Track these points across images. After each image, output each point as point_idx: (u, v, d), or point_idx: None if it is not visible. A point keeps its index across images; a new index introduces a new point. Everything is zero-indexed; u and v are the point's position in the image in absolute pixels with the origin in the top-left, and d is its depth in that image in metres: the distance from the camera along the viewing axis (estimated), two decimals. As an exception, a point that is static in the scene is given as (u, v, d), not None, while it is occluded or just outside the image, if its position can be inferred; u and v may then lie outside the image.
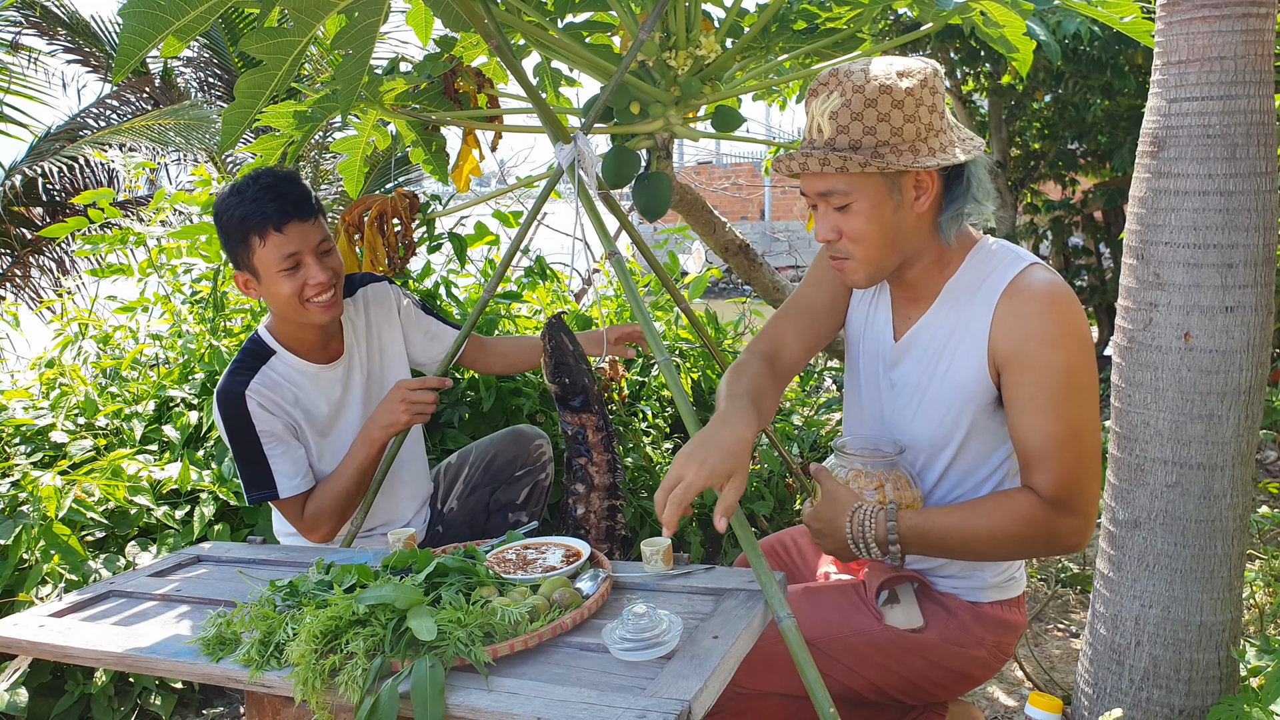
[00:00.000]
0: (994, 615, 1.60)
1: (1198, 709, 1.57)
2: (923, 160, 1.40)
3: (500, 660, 1.32)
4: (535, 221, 2.11)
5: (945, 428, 1.54)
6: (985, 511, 1.44)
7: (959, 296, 1.51)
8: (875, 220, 1.44)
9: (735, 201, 16.41)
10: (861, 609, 1.61)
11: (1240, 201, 1.42)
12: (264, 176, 1.94)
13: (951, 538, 1.45)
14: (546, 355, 2.11)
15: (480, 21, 1.79)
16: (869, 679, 1.61)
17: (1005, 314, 1.44)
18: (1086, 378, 1.42)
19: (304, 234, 1.92)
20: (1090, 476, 1.41)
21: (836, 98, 1.40)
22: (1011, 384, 1.44)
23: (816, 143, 1.44)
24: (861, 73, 1.39)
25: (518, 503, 2.25)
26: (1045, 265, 1.48)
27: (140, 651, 1.46)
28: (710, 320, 3.53)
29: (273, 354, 2.05)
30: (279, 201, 1.90)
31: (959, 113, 5.66)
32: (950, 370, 1.51)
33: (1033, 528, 1.41)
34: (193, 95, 6.47)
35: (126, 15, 1.49)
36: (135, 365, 3.03)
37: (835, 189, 1.44)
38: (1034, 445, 1.42)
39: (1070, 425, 1.40)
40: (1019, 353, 1.42)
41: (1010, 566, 1.62)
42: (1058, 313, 1.41)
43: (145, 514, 2.37)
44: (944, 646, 1.58)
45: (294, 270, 1.92)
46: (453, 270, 3.25)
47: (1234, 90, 1.39)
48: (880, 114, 1.38)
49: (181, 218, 5.10)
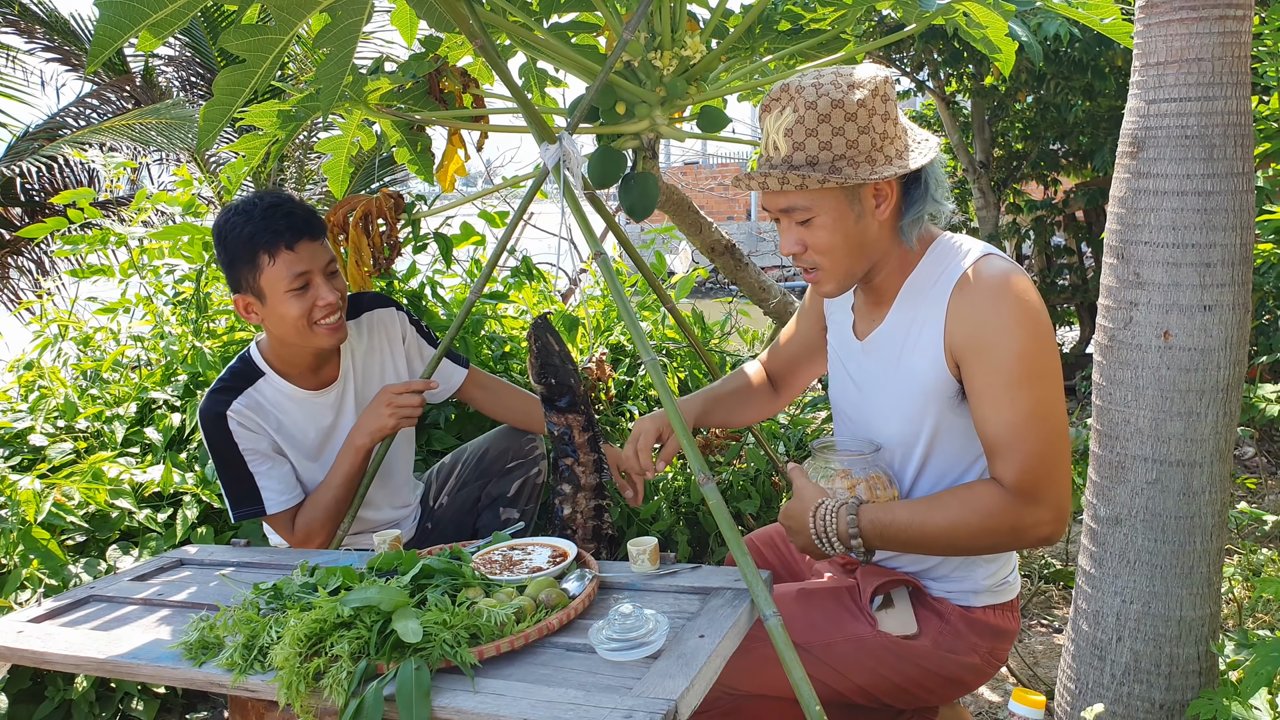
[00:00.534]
0: (987, 621, 1.59)
1: (1178, 703, 1.59)
2: (880, 170, 1.42)
3: (486, 662, 1.32)
4: (521, 222, 2.10)
5: (912, 424, 1.54)
6: (946, 504, 1.44)
7: (916, 294, 1.52)
8: (839, 232, 1.47)
9: (721, 201, 16.44)
10: (855, 613, 1.60)
11: (1218, 201, 1.43)
12: (269, 195, 1.92)
13: (912, 530, 1.44)
14: (532, 355, 2.11)
15: (465, 22, 1.78)
16: (859, 684, 1.60)
17: (958, 305, 1.45)
18: (1044, 362, 1.41)
19: (314, 253, 1.91)
20: (1056, 465, 1.39)
21: (789, 114, 1.42)
22: (969, 374, 1.44)
23: (774, 160, 1.45)
24: (813, 87, 1.40)
25: (509, 496, 2.23)
26: (999, 254, 1.49)
27: (121, 657, 1.45)
28: (697, 320, 3.54)
29: (261, 376, 2.03)
30: (290, 219, 1.88)
31: (942, 114, 5.69)
32: (911, 366, 1.52)
33: (995, 519, 1.40)
34: (174, 94, 6.43)
35: (103, 6, 1.47)
36: (116, 367, 3.01)
37: (796, 205, 1.46)
38: (995, 434, 1.41)
39: (1030, 412, 1.39)
40: (973, 342, 1.43)
41: (1003, 569, 1.61)
42: (1009, 299, 1.41)
43: (126, 517, 2.36)
44: (937, 653, 1.58)
45: (303, 290, 1.90)
46: (438, 271, 3.24)
47: (1211, 91, 1.40)
48: (835, 128, 1.40)
49: (163, 218, 5.07)
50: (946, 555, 1.54)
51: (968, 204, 6.29)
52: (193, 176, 3.18)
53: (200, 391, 2.70)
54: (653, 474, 1.83)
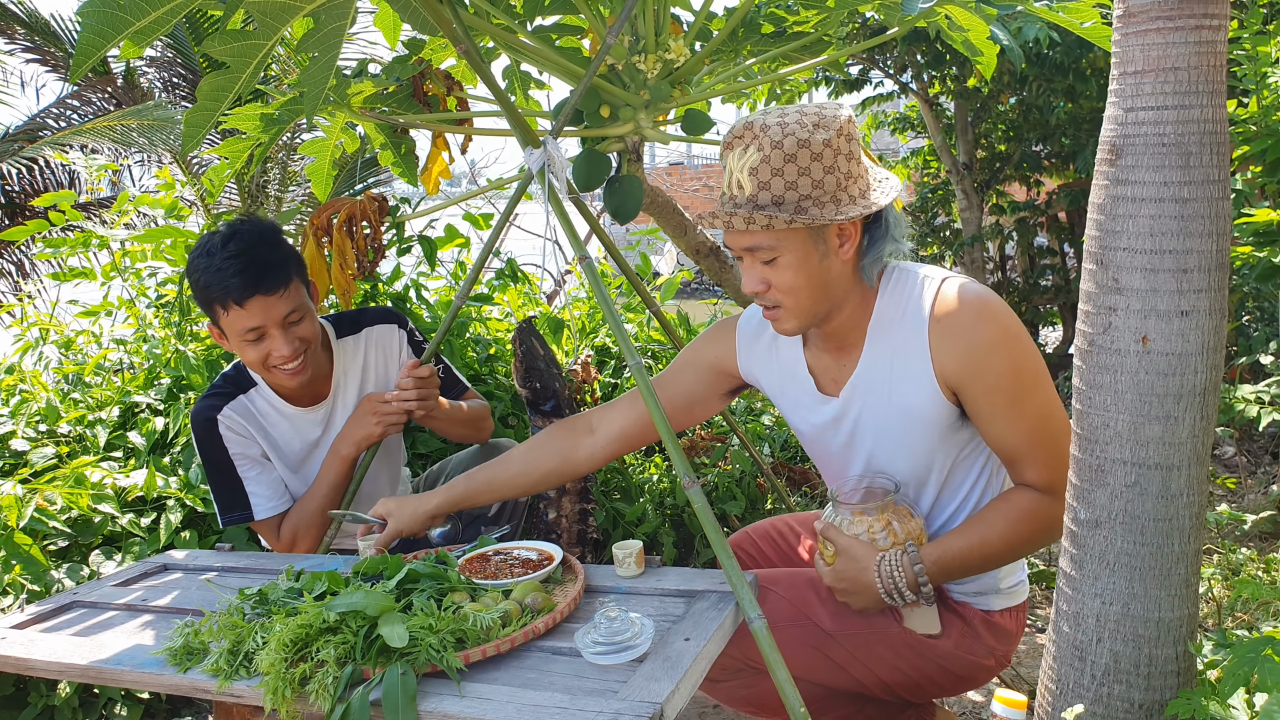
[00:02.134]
0: (1004, 626, 1.63)
1: (1156, 703, 1.60)
2: (845, 210, 1.42)
3: (472, 666, 1.33)
4: (506, 225, 2.11)
5: (921, 458, 1.57)
6: (993, 520, 1.50)
7: (885, 328, 1.54)
8: (803, 272, 1.46)
9: (707, 203, 16.45)
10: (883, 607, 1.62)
11: (1194, 209, 1.45)
12: (237, 239, 1.85)
13: (972, 557, 1.50)
14: (517, 360, 2.12)
15: (448, 26, 1.78)
16: (879, 675, 1.62)
17: (940, 338, 1.47)
18: (1034, 368, 1.47)
19: (267, 308, 1.84)
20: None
21: (754, 153, 1.41)
22: (970, 399, 1.48)
23: (738, 199, 1.44)
24: (778, 127, 1.40)
25: (489, 516, 2.21)
26: (956, 275, 1.52)
27: (105, 663, 1.45)
28: (682, 322, 3.54)
29: (253, 385, 2.03)
30: (243, 276, 1.81)
31: (926, 116, 5.72)
32: (904, 402, 1.53)
33: (1041, 521, 1.48)
34: (156, 95, 6.38)
35: (85, 15, 1.47)
36: (99, 371, 2.99)
37: (760, 244, 1.45)
38: (1012, 446, 1.47)
39: (1036, 418, 1.46)
40: (966, 370, 1.46)
41: (1015, 571, 1.65)
42: (987, 321, 1.45)
43: (109, 522, 2.34)
44: (956, 654, 1.61)
45: (258, 341, 1.88)
46: (422, 273, 3.24)
47: (1187, 100, 1.42)
48: (800, 168, 1.40)
49: (146, 220, 5.04)
50: (1005, 565, 1.58)
51: (951, 206, 6.32)
52: (175, 179, 3.17)
53: (184, 395, 2.69)
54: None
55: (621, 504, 2.87)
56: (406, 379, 1.96)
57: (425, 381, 1.97)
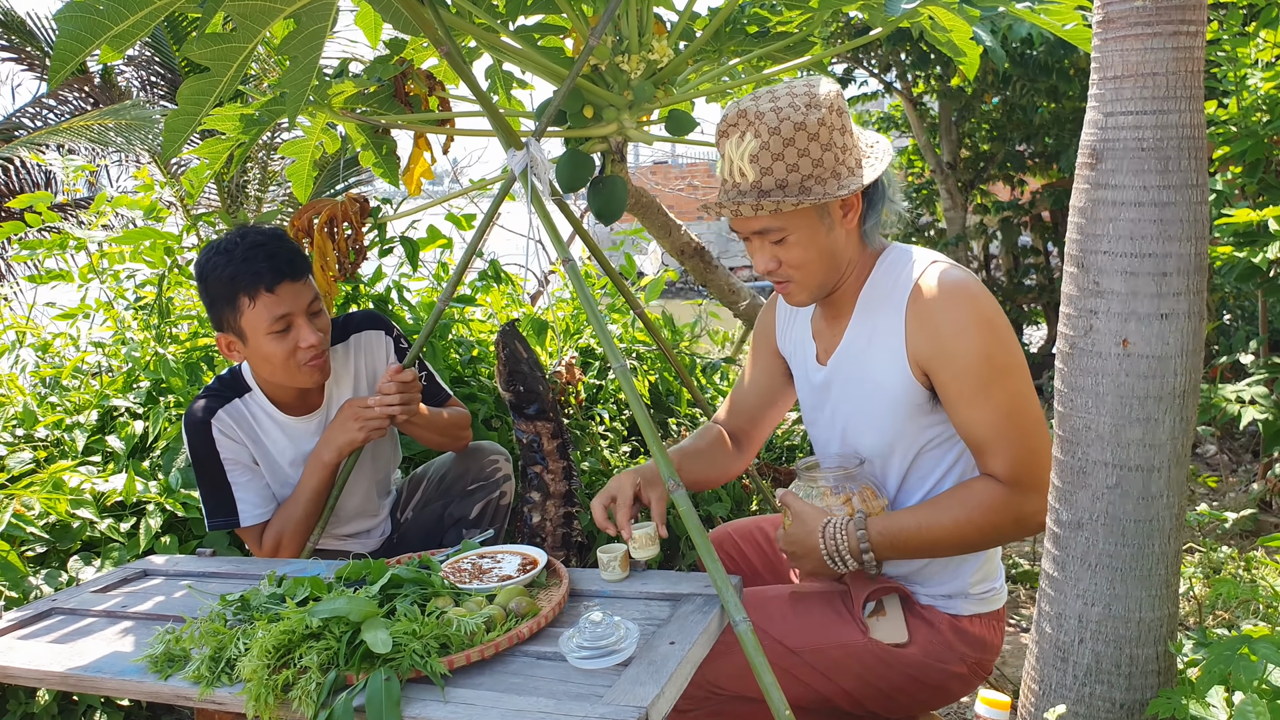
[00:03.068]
0: (974, 632, 1.62)
1: (1138, 702, 1.61)
2: (846, 184, 1.47)
3: (457, 671, 1.32)
4: (489, 226, 2.10)
5: (885, 434, 1.58)
6: (948, 506, 1.49)
7: (872, 306, 1.56)
8: (812, 247, 1.51)
9: (690, 202, 16.44)
10: (846, 620, 1.61)
11: (1173, 213, 1.46)
12: (252, 234, 1.89)
13: (920, 536, 1.49)
14: (500, 363, 2.11)
15: (430, 27, 1.78)
16: (847, 689, 1.61)
17: (914, 318, 1.49)
18: (1007, 358, 1.46)
19: (296, 294, 1.87)
20: (1042, 452, 1.45)
21: (752, 139, 1.44)
22: (940, 383, 1.49)
23: (742, 186, 1.48)
24: (773, 112, 1.43)
25: (470, 519, 2.20)
26: (947, 261, 1.53)
27: (84, 670, 1.43)
28: (666, 322, 3.54)
29: (248, 391, 2.02)
30: (271, 261, 1.84)
31: (910, 116, 5.74)
32: (875, 377, 1.55)
33: (997, 513, 1.46)
34: (134, 95, 6.32)
35: (62, 20, 1.46)
36: (76, 374, 2.96)
37: (770, 227, 1.49)
38: (978, 434, 1.47)
39: (1004, 407, 1.45)
40: (936, 350, 1.47)
41: (988, 570, 1.63)
42: (961, 304, 1.46)
43: (88, 527, 2.32)
44: (925, 662, 1.59)
45: (284, 333, 1.87)
46: (404, 274, 3.22)
47: (1166, 105, 1.43)
48: (800, 150, 1.44)
49: (124, 221, 5.00)
50: (955, 554, 1.57)
51: (935, 205, 6.34)
52: (153, 180, 3.14)
53: (163, 399, 2.67)
54: (629, 536, 1.62)
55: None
56: (389, 383, 1.95)
57: (407, 386, 1.96)
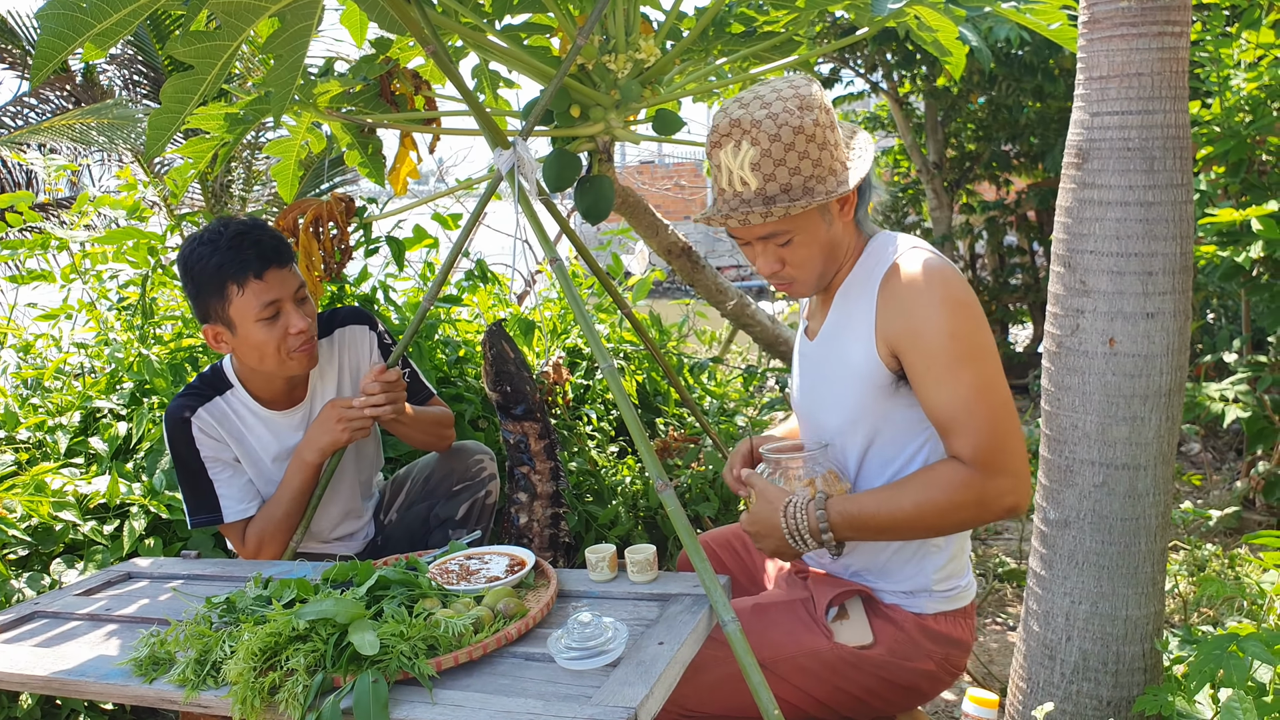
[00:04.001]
0: (941, 630, 1.61)
1: (1124, 700, 1.62)
2: (843, 180, 1.49)
3: (445, 673, 1.31)
4: (475, 226, 2.09)
5: (849, 413, 1.58)
6: (910, 487, 1.48)
7: (852, 288, 1.58)
8: (815, 245, 1.54)
9: (678, 201, 16.46)
10: (811, 626, 1.60)
11: (1158, 212, 1.47)
12: (234, 223, 1.89)
13: (880, 516, 1.47)
14: (487, 364, 2.10)
15: (416, 26, 1.77)
16: (818, 698, 1.61)
17: (885, 299, 1.50)
18: (977, 341, 1.46)
19: (283, 280, 1.88)
20: (1009, 434, 1.44)
21: (750, 148, 1.45)
22: (909, 364, 1.49)
23: (745, 195, 1.49)
24: (769, 119, 1.44)
25: (456, 519, 2.19)
26: (927, 247, 1.54)
27: (68, 674, 1.42)
28: (654, 322, 3.54)
29: (230, 388, 2.01)
30: (258, 247, 1.85)
31: (896, 115, 5.76)
32: (847, 358, 1.57)
33: (960, 494, 1.43)
34: (117, 94, 6.27)
35: (44, 18, 1.44)
36: (59, 375, 2.94)
37: (777, 231, 1.51)
38: (944, 415, 1.46)
39: (971, 388, 1.43)
40: (905, 330, 1.47)
41: (954, 573, 1.62)
42: (933, 285, 1.46)
43: (71, 530, 2.30)
44: (893, 662, 1.59)
45: (274, 319, 1.88)
46: (390, 274, 3.21)
47: (1151, 105, 1.44)
48: (800, 153, 1.46)
49: (106, 221, 4.96)
50: (916, 538, 1.56)
51: (921, 205, 6.37)
52: (136, 179, 3.11)
53: (147, 400, 2.65)
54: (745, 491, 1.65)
55: (594, 507, 2.86)
56: (373, 384, 1.94)
57: (392, 386, 1.95)
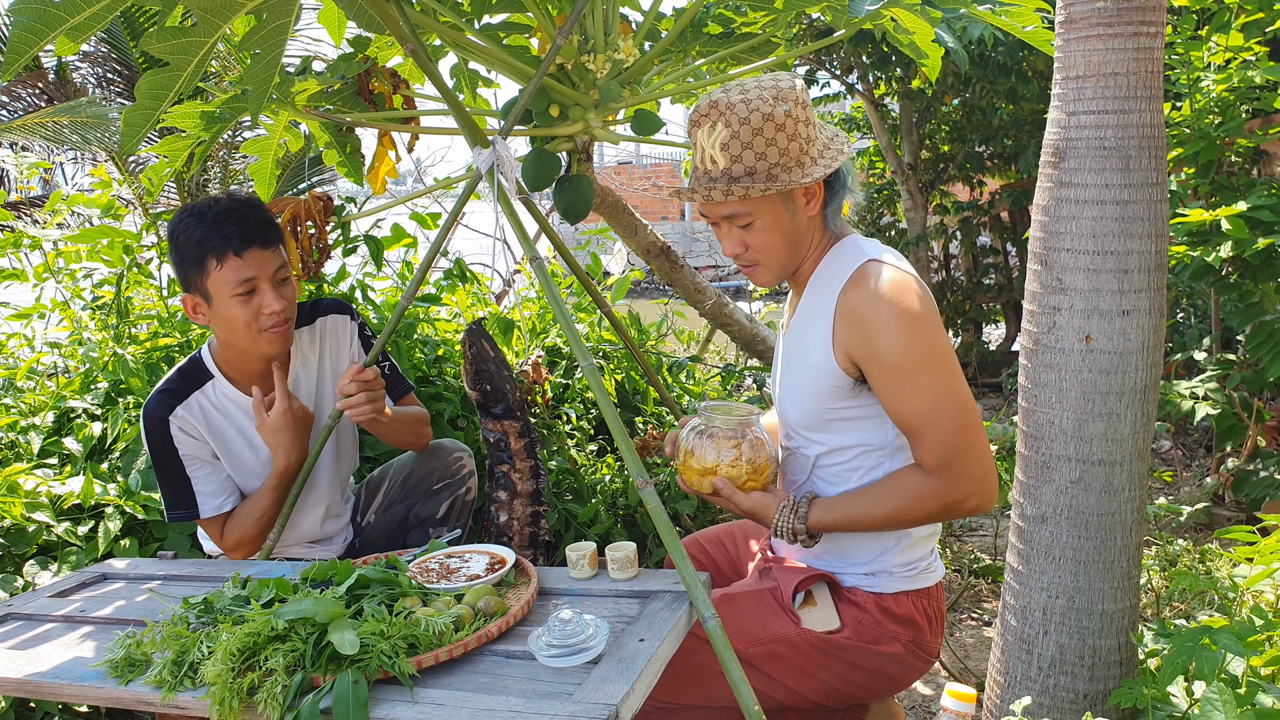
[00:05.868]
0: (902, 611, 1.64)
1: (1100, 693, 1.64)
2: (810, 172, 1.54)
3: (425, 671, 1.31)
4: (454, 225, 2.08)
5: (810, 404, 1.63)
6: (878, 498, 1.55)
7: (817, 286, 1.62)
8: (777, 232, 1.59)
9: (655, 202, 16.48)
10: (779, 613, 1.63)
11: (1134, 210, 1.49)
12: (227, 199, 1.89)
13: (855, 526, 1.58)
14: (467, 362, 2.10)
15: (395, 24, 1.76)
16: (792, 687, 1.63)
17: (844, 309, 1.54)
18: (929, 350, 1.50)
19: (262, 260, 1.87)
20: (969, 439, 1.49)
21: (723, 129, 1.52)
22: (869, 375, 1.54)
23: (713, 173, 1.56)
24: (743, 103, 1.51)
25: (437, 518, 2.18)
26: (889, 258, 1.57)
27: (42, 676, 1.41)
28: (633, 321, 3.54)
29: (209, 379, 1.99)
30: (241, 225, 1.85)
31: (871, 117, 5.79)
32: (808, 353, 1.61)
33: (926, 501, 1.51)
34: (90, 92, 6.20)
35: (17, 12, 1.43)
36: (32, 375, 2.90)
37: (738, 212, 1.57)
38: (907, 423, 1.52)
39: (929, 396, 1.49)
40: (861, 344, 1.52)
41: (912, 555, 1.65)
42: (885, 301, 1.50)
43: (45, 531, 2.27)
44: (860, 646, 1.62)
45: (248, 296, 1.87)
46: (369, 273, 3.19)
47: (1127, 105, 1.46)
48: (767, 139, 1.51)
49: (80, 220, 4.90)
50: (890, 531, 1.63)
51: (896, 206, 6.41)
52: (111, 178, 3.08)
53: (122, 400, 2.62)
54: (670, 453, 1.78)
55: (574, 505, 2.86)
56: (351, 383, 1.92)
57: (370, 385, 1.94)
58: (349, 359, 2.14)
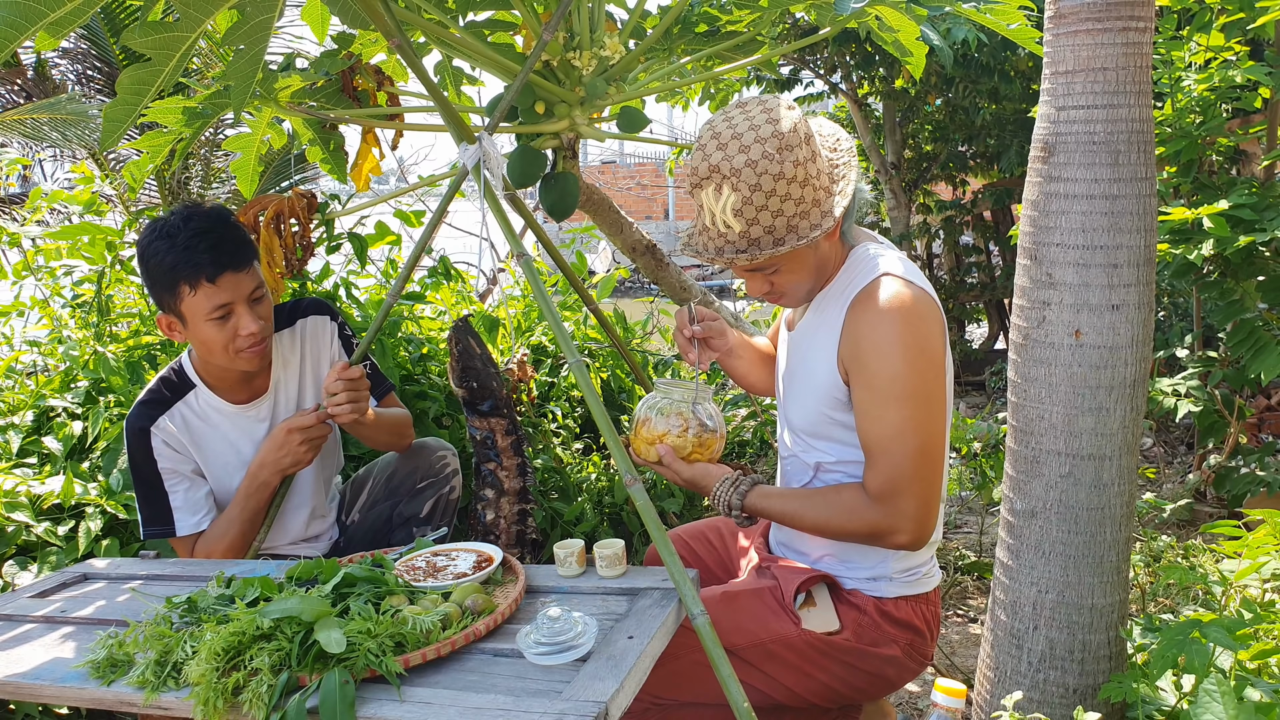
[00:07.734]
0: (901, 615, 1.64)
1: (1090, 687, 1.65)
2: (828, 209, 1.49)
3: (412, 670, 1.30)
4: (438, 223, 2.07)
5: (810, 413, 1.63)
6: (817, 504, 1.57)
7: (828, 298, 1.61)
8: (804, 268, 1.56)
9: (640, 201, 16.49)
10: (779, 613, 1.63)
11: (1123, 205, 1.49)
12: (197, 219, 1.83)
13: (786, 521, 1.62)
14: (453, 359, 2.08)
15: (380, 19, 1.74)
16: (788, 686, 1.63)
17: (851, 321, 1.53)
18: (917, 385, 1.48)
19: (237, 284, 1.84)
20: (916, 481, 1.47)
21: (731, 194, 1.44)
22: (853, 387, 1.54)
23: (729, 237, 1.48)
24: (748, 167, 1.42)
25: (421, 516, 2.16)
26: (901, 274, 1.53)
27: (22, 677, 1.39)
28: (619, 319, 3.53)
29: (192, 388, 1.97)
30: (213, 251, 1.80)
31: (855, 116, 5.80)
32: (812, 364, 1.61)
33: (855, 521, 1.52)
34: (70, 88, 6.13)
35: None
36: (11, 374, 2.86)
37: (764, 266, 1.53)
38: (866, 444, 1.52)
39: (897, 429, 1.47)
40: (856, 356, 1.51)
41: (913, 561, 1.65)
42: (894, 323, 1.48)
43: (24, 531, 2.24)
44: (858, 647, 1.62)
45: (224, 319, 1.84)
46: (353, 271, 3.17)
47: (1116, 100, 1.46)
48: (781, 197, 1.45)
49: (60, 217, 4.85)
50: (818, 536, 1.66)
51: (880, 205, 6.42)
52: (92, 174, 3.04)
53: (103, 398, 2.59)
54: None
55: (560, 504, 2.85)
56: (336, 382, 1.90)
57: (354, 384, 1.92)
58: (330, 360, 2.12)
